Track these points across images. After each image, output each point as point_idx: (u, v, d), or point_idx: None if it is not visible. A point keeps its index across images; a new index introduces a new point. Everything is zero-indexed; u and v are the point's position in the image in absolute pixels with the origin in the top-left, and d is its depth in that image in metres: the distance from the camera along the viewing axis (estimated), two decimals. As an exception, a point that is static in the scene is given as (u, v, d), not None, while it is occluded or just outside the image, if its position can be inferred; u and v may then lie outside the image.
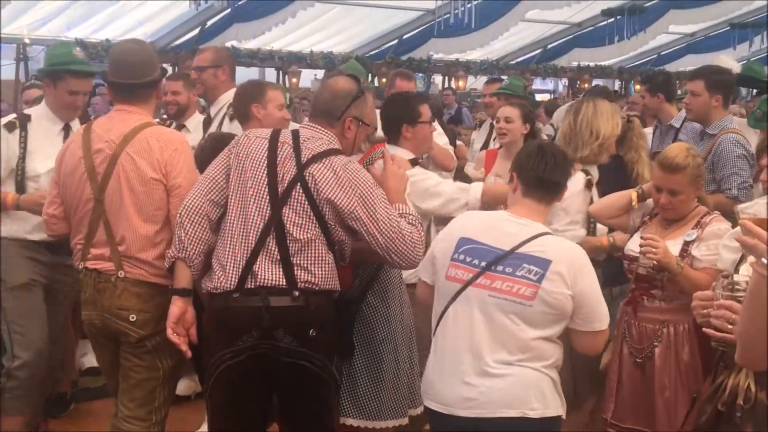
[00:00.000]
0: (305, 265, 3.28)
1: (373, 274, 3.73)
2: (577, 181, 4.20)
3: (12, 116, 4.56)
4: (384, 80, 16.95)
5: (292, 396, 3.36)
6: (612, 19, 16.35)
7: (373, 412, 3.65)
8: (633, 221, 4.04)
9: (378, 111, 4.19)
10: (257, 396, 3.36)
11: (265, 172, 3.33)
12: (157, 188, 3.60)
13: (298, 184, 3.29)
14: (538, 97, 18.10)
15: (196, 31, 13.87)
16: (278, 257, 3.27)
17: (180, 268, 3.41)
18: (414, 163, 4.24)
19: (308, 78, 15.90)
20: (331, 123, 3.45)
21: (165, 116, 6.31)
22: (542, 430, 3.13)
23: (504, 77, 17.27)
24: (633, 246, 3.89)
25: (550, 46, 18.50)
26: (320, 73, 15.41)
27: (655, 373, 3.75)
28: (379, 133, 4.26)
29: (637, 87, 6.60)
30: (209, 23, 13.66)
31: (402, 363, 3.76)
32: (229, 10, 13.03)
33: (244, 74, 10.82)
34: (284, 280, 3.27)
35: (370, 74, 16.78)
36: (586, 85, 18.24)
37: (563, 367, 3.27)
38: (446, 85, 17.08)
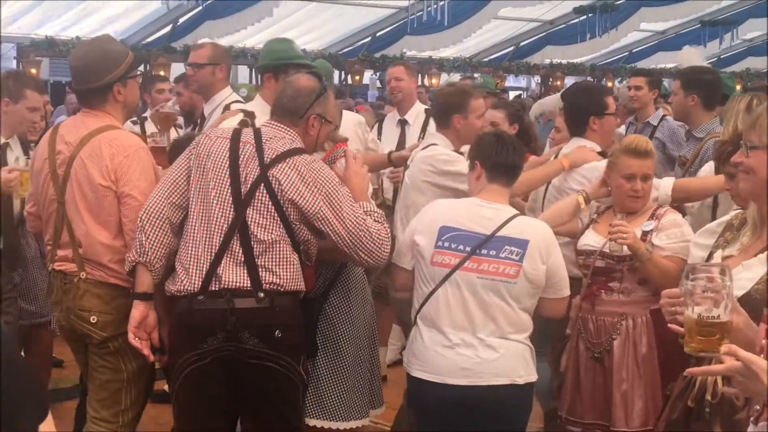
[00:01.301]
0: (270, 267, 3.27)
1: (336, 273, 3.72)
2: None
3: (241, 114, 4.45)
4: (357, 78, 17.01)
5: (259, 398, 3.34)
6: (584, 17, 16.45)
7: (336, 412, 3.64)
8: (582, 222, 4.05)
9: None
10: (223, 398, 3.34)
11: (228, 172, 3.30)
12: (106, 195, 3.52)
13: (262, 185, 3.27)
14: (511, 95, 18.20)
15: (167, 29, 13.81)
16: (242, 259, 3.25)
17: (141, 273, 3.37)
18: (603, 155, 4.23)
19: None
20: (294, 121, 3.43)
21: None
22: (525, 393, 3.53)
23: (477, 75, 17.44)
24: (587, 241, 3.91)
25: (522, 44, 18.60)
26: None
27: (614, 366, 3.78)
28: (343, 132, 4.27)
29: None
30: (181, 21, 13.64)
31: (364, 362, 3.75)
32: (201, 7, 12.98)
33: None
34: (249, 282, 3.25)
35: (343, 72, 16.81)
36: (559, 83, 18.35)
37: None
38: (419, 83, 17.07)
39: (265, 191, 3.26)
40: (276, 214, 3.26)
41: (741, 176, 2.55)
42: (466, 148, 4.27)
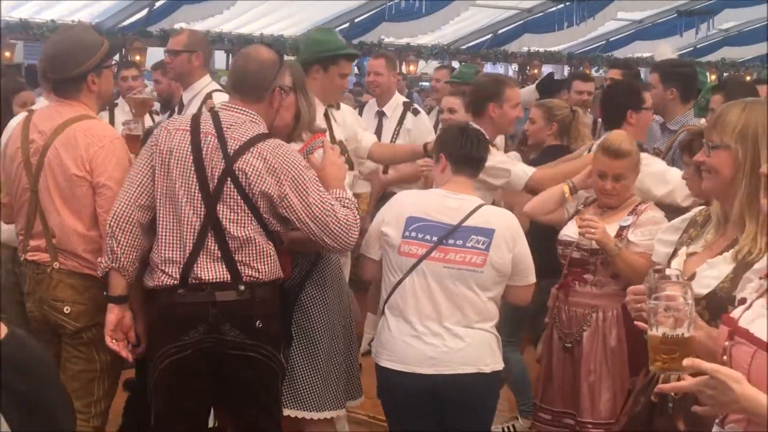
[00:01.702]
0: (248, 262, 3.28)
1: (312, 263, 3.72)
2: None
3: None
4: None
5: (240, 389, 3.35)
6: (561, 5, 16.47)
7: (311, 402, 3.64)
8: (568, 212, 4.10)
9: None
10: (202, 390, 3.35)
11: (193, 168, 3.26)
12: (81, 185, 3.50)
13: (229, 179, 3.24)
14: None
15: (144, 13, 13.69)
16: (219, 255, 3.25)
17: (114, 277, 3.36)
18: (641, 149, 4.24)
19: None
20: (260, 95, 3.39)
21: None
22: (491, 381, 3.61)
23: (455, 62, 17.42)
24: (568, 232, 3.96)
25: (500, 32, 18.58)
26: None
27: (583, 357, 3.84)
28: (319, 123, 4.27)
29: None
30: (158, 4, 13.51)
31: (339, 353, 3.75)
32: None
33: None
34: (229, 276, 3.26)
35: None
36: (536, 71, 18.38)
37: None
38: (397, 70, 17.04)
39: (232, 185, 3.24)
40: (246, 208, 3.25)
41: (704, 175, 2.59)
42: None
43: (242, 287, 3.27)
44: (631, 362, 3.69)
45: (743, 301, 2.04)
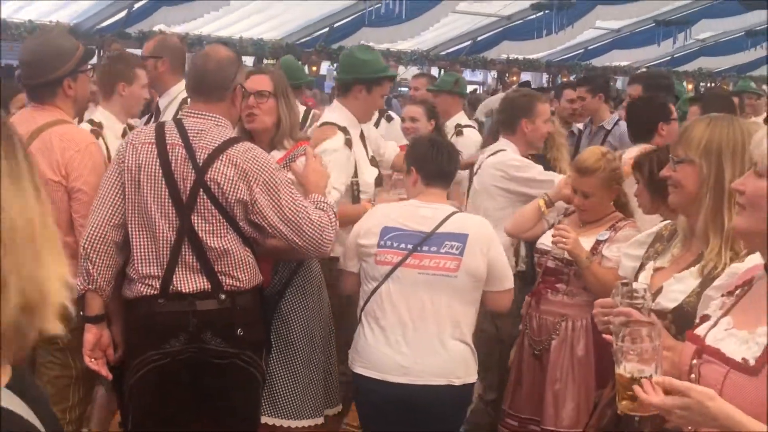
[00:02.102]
0: (227, 271, 3.27)
1: (292, 271, 3.74)
2: None
3: (341, 135, 4.33)
4: (314, 68, 16.95)
5: (221, 397, 3.34)
6: (541, 13, 16.54)
7: (289, 410, 3.65)
8: (547, 222, 4.13)
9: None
10: (181, 399, 3.33)
11: (163, 181, 3.22)
12: (57, 190, 3.47)
13: (201, 190, 3.21)
14: (468, 89, 18.22)
15: (122, 14, 13.62)
16: (198, 267, 3.24)
17: (91, 298, 3.32)
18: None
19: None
20: (222, 95, 3.34)
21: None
22: (462, 394, 3.63)
23: (434, 68, 17.46)
24: (545, 241, 4.00)
25: (479, 39, 18.63)
26: (249, 60, 15.28)
27: (550, 364, 3.88)
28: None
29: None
30: (137, 6, 13.44)
31: (318, 362, 3.77)
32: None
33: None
34: (209, 286, 3.25)
35: (300, 62, 16.74)
36: (515, 78, 18.45)
37: None
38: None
39: (206, 196, 3.21)
40: (222, 218, 3.23)
41: (670, 189, 2.63)
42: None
43: (223, 296, 3.26)
44: (598, 373, 3.73)
45: (706, 318, 2.06)
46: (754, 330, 1.84)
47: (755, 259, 2.03)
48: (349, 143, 4.24)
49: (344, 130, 4.29)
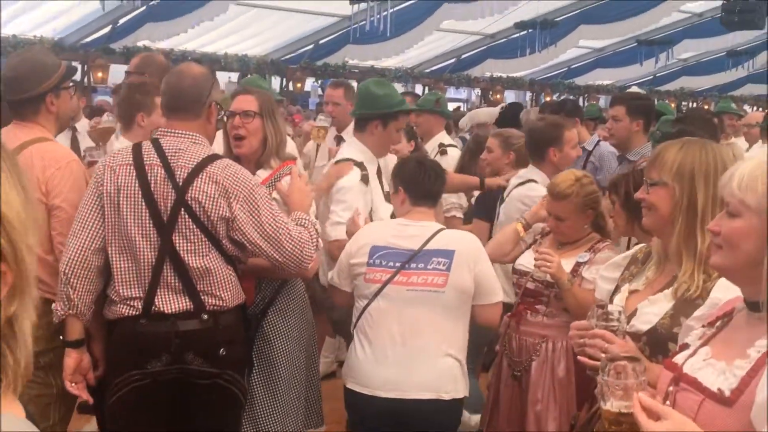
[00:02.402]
0: (210, 291, 3.25)
1: (275, 290, 3.74)
2: None
3: (357, 170, 4.38)
4: (299, 85, 17.01)
5: (202, 416, 3.32)
6: (524, 32, 16.66)
7: (270, 430, 3.64)
8: (525, 243, 4.16)
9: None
10: (162, 419, 3.31)
11: (143, 202, 3.20)
12: (37, 208, 3.47)
13: (182, 209, 3.19)
14: (451, 106, 18.26)
15: (107, 29, 13.63)
16: (180, 287, 3.22)
17: (71, 322, 3.30)
18: None
19: (222, 81, 15.76)
20: (198, 112, 3.33)
21: None
22: (451, 409, 3.64)
23: (418, 85, 17.52)
24: (524, 261, 4.02)
25: (463, 56, 18.75)
26: (234, 76, 15.31)
27: (530, 386, 3.88)
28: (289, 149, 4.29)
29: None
30: (121, 21, 13.44)
31: (300, 382, 3.76)
32: (143, 8, 12.83)
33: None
34: (192, 306, 3.23)
35: (284, 78, 16.79)
36: (499, 96, 18.56)
37: None
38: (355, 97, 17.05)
39: (187, 215, 3.19)
40: (203, 237, 3.21)
41: (644, 212, 2.67)
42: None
43: (205, 316, 3.24)
44: (579, 394, 3.72)
45: (685, 346, 2.08)
46: (732, 362, 1.86)
47: (726, 283, 2.05)
48: (365, 179, 4.30)
49: (361, 165, 4.34)
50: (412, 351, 3.56)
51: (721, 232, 1.89)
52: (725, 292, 2.11)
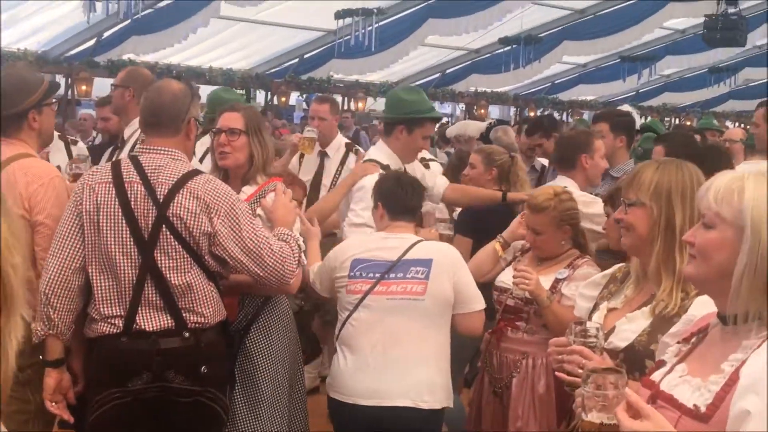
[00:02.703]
0: (191, 307, 3.23)
1: (259, 307, 3.73)
2: None
3: (379, 169, 4.46)
4: (283, 99, 17.03)
5: None
6: (509, 48, 16.77)
7: None
8: (505, 260, 4.17)
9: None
10: None
11: (124, 220, 3.18)
12: (21, 226, 3.46)
13: (163, 225, 3.17)
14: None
15: (91, 42, 13.61)
16: (161, 305, 3.20)
17: (51, 342, 3.27)
18: None
19: (205, 94, 15.71)
20: (178, 128, 3.34)
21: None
22: (430, 419, 3.64)
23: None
24: (504, 278, 4.02)
25: (448, 71, 18.83)
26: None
27: (511, 402, 3.88)
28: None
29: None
30: (106, 35, 13.42)
31: (282, 400, 3.73)
32: (128, 21, 12.83)
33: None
34: (173, 323, 3.21)
35: (269, 92, 16.81)
36: (483, 111, 18.64)
37: None
38: (345, 107, 17.16)
39: (168, 232, 3.17)
40: (185, 253, 3.20)
41: (622, 232, 2.70)
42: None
43: (187, 334, 3.23)
44: (559, 410, 3.71)
45: (662, 363, 2.10)
46: (707, 378, 1.88)
47: (704, 301, 2.08)
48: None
49: (386, 168, 4.40)
50: (392, 359, 3.60)
51: (696, 242, 1.92)
52: (701, 308, 2.14)
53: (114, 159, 4.19)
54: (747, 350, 1.81)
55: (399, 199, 3.85)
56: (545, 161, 6.68)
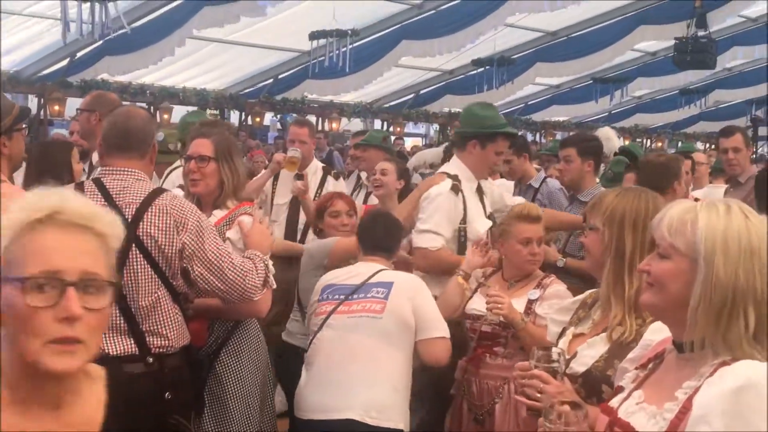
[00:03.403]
0: (155, 330, 3.22)
1: (228, 332, 3.72)
2: None
3: (450, 180, 4.51)
4: (258, 119, 17.06)
5: None
6: (482, 69, 16.91)
7: None
8: (470, 288, 4.16)
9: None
10: None
11: None
12: None
13: (133, 245, 3.16)
14: (409, 141, 18.42)
15: (64, 62, 13.58)
16: (126, 328, 3.18)
17: None
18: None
19: (179, 114, 15.72)
20: (144, 151, 3.39)
21: None
22: None
23: (377, 120, 17.62)
24: (475, 305, 4.02)
25: (422, 92, 18.96)
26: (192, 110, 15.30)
27: (495, 428, 3.87)
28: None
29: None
30: (79, 55, 13.39)
31: (253, 424, 3.72)
32: (101, 42, 12.80)
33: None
34: (136, 348, 3.19)
35: (243, 113, 16.83)
36: (456, 131, 18.72)
37: None
38: (320, 128, 17.20)
39: (137, 251, 3.17)
40: (153, 273, 3.19)
41: (585, 255, 2.75)
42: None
43: (151, 359, 3.21)
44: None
45: (620, 389, 2.13)
46: (662, 405, 1.90)
47: (659, 327, 2.12)
48: (455, 189, 4.44)
49: (454, 177, 4.48)
50: (347, 375, 3.66)
51: (652, 271, 1.96)
52: (657, 333, 2.17)
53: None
54: (700, 378, 1.84)
55: (370, 237, 4.05)
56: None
